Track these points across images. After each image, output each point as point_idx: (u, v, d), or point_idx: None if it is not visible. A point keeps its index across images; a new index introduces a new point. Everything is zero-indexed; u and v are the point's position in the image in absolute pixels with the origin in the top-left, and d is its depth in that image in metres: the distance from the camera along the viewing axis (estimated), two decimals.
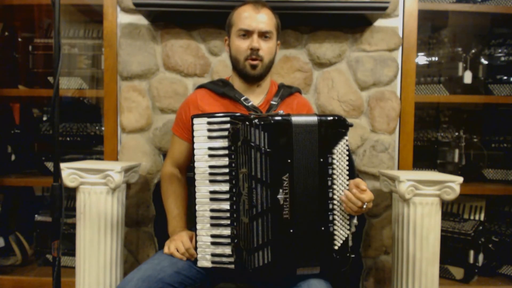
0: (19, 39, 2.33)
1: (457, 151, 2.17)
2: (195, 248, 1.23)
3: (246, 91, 1.43)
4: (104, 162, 1.84)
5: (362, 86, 1.91)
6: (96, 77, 2.16)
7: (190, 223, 1.37)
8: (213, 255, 1.21)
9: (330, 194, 1.17)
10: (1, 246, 2.10)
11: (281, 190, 1.13)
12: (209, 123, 1.21)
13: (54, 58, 1.15)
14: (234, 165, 1.18)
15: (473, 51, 2.15)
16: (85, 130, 2.16)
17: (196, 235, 1.22)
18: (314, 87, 1.91)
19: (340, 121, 1.17)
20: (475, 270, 2.00)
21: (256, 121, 1.13)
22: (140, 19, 1.87)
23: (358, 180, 1.18)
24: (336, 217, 1.18)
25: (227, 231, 1.20)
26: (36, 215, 2.12)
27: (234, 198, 1.19)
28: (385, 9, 1.73)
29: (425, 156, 2.17)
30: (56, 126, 1.18)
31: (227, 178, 1.19)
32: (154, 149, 1.90)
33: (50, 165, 2.16)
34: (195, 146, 1.22)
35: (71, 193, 1.95)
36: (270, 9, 1.40)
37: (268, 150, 1.13)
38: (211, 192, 1.21)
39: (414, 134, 1.95)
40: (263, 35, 1.36)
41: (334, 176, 1.17)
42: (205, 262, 1.21)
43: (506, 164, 2.16)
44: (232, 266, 1.20)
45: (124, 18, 1.89)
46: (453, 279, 2.00)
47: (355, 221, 1.19)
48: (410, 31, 1.92)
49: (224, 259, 1.20)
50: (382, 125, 1.91)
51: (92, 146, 2.16)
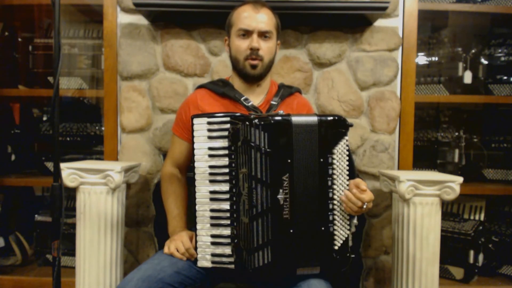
0: (19, 39, 2.33)
1: (457, 151, 2.17)
2: (195, 248, 1.23)
3: (246, 91, 1.43)
4: (104, 162, 1.84)
5: (362, 86, 1.91)
6: (96, 77, 2.16)
7: (190, 223, 1.37)
8: (213, 255, 1.21)
9: (330, 194, 1.17)
10: (1, 246, 2.10)
11: (281, 190, 1.13)
12: (209, 123, 1.21)
13: (54, 58, 1.15)
14: (234, 165, 1.18)
15: (473, 51, 2.15)
16: (85, 130, 2.16)
17: (196, 235, 1.22)
18: (314, 87, 1.91)
19: (340, 121, 1.17)
20: (475, 270, 2.00)
21: (256, 121, 1.13)
22: (140, 19, 1.87)
23: (358, 180, 1.17)
24: (336, 217, 1.18)
25: (227, 231, 1.20)
26: (36, 215, 2.12)
27: (234, 198, 1.19)
28: (385, 9, 1.73)
29: (425, 156, 2.17)
30: (56, 126, 1.18)
31: (227, 178, 1.19)
32: (154, 149, 1.90)
33: (50, 165, 2.16)
34: (195, 146, 1.22)
35: (71, 193, 1.95)
36: (270, 9, 1.40)
37: (268, 150, 1.13)
38: (211, 192, 1.21)
39: (414, 134, 1.95)
40: (263, 35, 1.36)
41: (334, 176, 1.17)
42: (205, 262, 1.21)
43: (506, 164, 2.16)
44: (232, 266, 1.20)
45: (124, 18, 1.89)
46: (453, 279, 2.00)
47: (355, 221, 1.19)
48: (410, 31, 1.92)
49: (224, 259, 1.20)
50: (382, 125, 1.91)
51: (92, 146, 2.16)
